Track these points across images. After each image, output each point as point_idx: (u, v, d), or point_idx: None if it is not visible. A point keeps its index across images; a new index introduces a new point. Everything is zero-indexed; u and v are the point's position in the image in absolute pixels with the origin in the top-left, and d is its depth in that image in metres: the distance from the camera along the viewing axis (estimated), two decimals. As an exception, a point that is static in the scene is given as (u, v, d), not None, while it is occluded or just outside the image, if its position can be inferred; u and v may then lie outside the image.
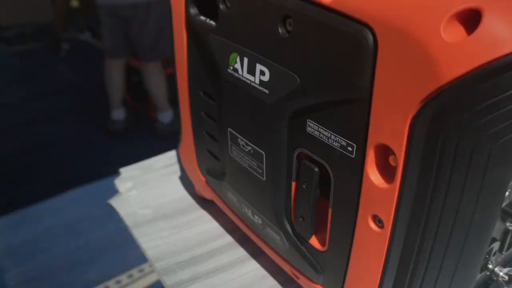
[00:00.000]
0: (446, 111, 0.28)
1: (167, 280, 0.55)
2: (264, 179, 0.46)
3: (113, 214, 0.68)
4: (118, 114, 2.63)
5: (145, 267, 1.80)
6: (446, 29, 0.27)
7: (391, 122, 0.31)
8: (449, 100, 0.28)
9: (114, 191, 0.71)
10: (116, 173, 0.75)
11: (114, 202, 0.69)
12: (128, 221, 0.65)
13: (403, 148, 0.31)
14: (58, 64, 3.73)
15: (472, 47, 0.26)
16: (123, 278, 1.75)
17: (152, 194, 0.70)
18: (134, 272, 1.78)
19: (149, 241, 0.61)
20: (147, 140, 2.63)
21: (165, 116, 2.61)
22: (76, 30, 4.10)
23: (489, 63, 0.26)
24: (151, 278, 1.75)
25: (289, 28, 0.37)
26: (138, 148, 2.52)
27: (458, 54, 0.27)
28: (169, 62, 2.49)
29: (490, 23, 0.26)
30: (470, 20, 0.27)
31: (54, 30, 3.83)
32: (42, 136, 2.71)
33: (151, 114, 2.78)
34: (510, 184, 0.34)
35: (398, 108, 0.30)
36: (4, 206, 2.08)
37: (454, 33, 0.27)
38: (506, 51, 0.26)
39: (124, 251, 1.85)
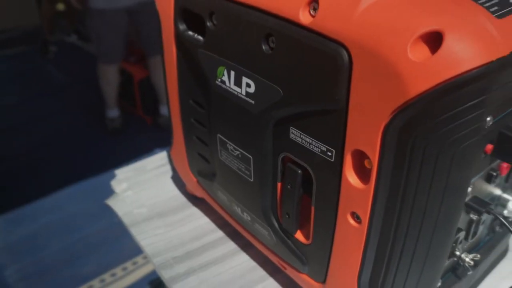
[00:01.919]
0: (413, 122, 0.32)
1: (165, 274, 0.59)
2: (252, 180, 0.49)
3: (107, 210, 0.71)
4: (114, 112, 2.66)
5: (139, 259, 1.84)
6: (412, 49, 0.31)
7: (365, 131, 0.35)
8: (416, 112, 0.32)
9: (108, 187, 0.75)
10: (109, 169, 0.78)
11: (112, 202, 0.72)
12: (126, 220, 0.68)
13: (377, 153, 0.35)
14: (47, 66, 3.73)
15: (435, 65, 0.30)
16: (118, 270, 1.79)
17: (147, 194, 0.73)
18: (128, 265, 1.82)
19: (146, 238, 0.65)
20: (138, 137, 2.66)
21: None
22: (63, 33, 4.09)
23: (450, 79, 0.30)
24: (144, 270, 1.80)
25: (272, 45, 0.40)
26: (130, 145, 2.56)
27: (423, 71, 0.31)
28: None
29: (450, 44, 0.30)
30: (433, 41, 0.31)
31: (41, 34, 3.82)
32: (35, 136, 2.72)
33: (139, 112, 2.80)
34: (472, 180, 0.39)
35: (371, 119, 0.34)
36: (2, 204, 2.10)
37: (419, 53, 0.31)
38: (464, 69, 0.30)
39: (119, 245, 1.89)
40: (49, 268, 1.80)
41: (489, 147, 0.36)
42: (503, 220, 0.38)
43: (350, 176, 0.38)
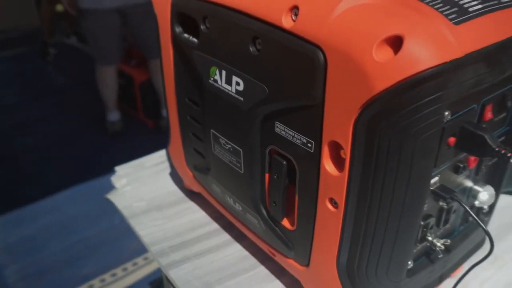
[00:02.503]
0: (379, 115, 0.36)
1: (161, 261, 0.63)
2: (242, 172, 0.54)
3: (107, 211, 0.75)
4: (115, 115, 2.70)
5: (139, 260, 1.87)
6: (377, 51, 0.35)
7: (339, 124, 0.39)
8: (381, 107, 0.36)
9: (108, 189, 0.79)
10: (109, 171, 0.82)
11: (112, 196, 0.76)
12: (125, 212, 0.72)
13: (349, 144, 0.39)
14: (46, 68, 3.78)
15: (396, 65, 0.34)
16: (118, 271, 1.83)
17: (146, 188, 0.78)
18: (129, 265, 1.85)
19: (144, 229, 0.69)
20: (139, 140, 2.70)
21: None
22: (62, 35, 4.15)
23: (409, 77, 0.34)
24: (144, 271, 1.83)
25: (259, 47, 0.45)
26: (131, 148, 2.60)
27: (386, 70, 0.35)
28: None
29: (409, 47, 0.34)
30: (395, 44, 0.35)
31: (41, 35, 3.87)
32: (35, 137, 2.77)
33: (140, 115, 2.84)
34: (439, 170, 0.43)
35: (344, 113, 0.38)
36: (2, 205, 2.14)
37: (383, 54, 0.35)
38: (421, 68, 0.34)
39: (119, 246, 1.93)
40: (49, 268, 1.83)
41: (452, 140, 0.40)
42: (465, 207, 0.42)
43: (328, 165, 0.42)
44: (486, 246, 0.65)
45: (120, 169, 0.82)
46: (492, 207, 0.54)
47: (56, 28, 3.98)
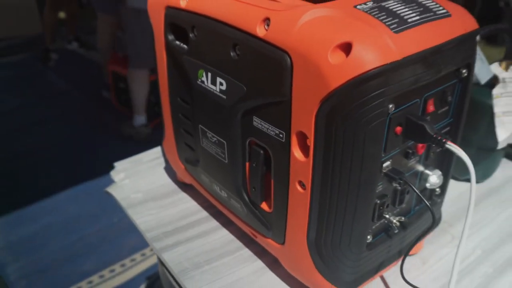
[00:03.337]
0: (334, 108, 0.44)
1: (156, 246, 0.70)
2: (227, 162, 0.61)
3: (106, 210, 0.83)
4: (142, 119, 2.77)
5: (137, 256, 1.94)
6: (331, 55, 0.43)
7: (304, 116, 0.47)
8: (336, 101, 0.43)
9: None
10: (108, 172, 0.89)
11: (111, 189, 0.83)
12: (123, 203, 0.80)
13: (312, 133, 0.47)
14: (48, 73, 3.86)
15: (347, 67, 0.42)
16: (117, 267, 1.90)
17: (142, 181, 0.85)
18: (127, 261, 1.92)
19: (141, 217, 0.76)
20: (136, 142, 2.77)
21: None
22: (64, 40, 4.23)
23: (357, 76, 0.42)
24: (142, 266, 1.90)
25: (238, 52, 0.52)
26: (129, 149, 2.65)
27: (339, 71, 0.42)
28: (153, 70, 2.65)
29: (357, 51, 0.42)
30: (345, 49, 0.42)
31: (43, 41, 3.96)
32: (36, 139, 2.84)
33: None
34: (390, 155, 0.50)
35: (307, 107, 0.46)
36: (4, 205, 2.21)
37: (336, 57, 0.43)
38: (367, 68, 0.41)
39: (117, 243, 2.00)
40: (49, 265, 1.89)
41: (399, 129, 0.48)
42: (412, 187, 0.50)
43: (296, 152, 0.50)
44: (453, 229, 0.73)
45: (119, 165, 0.90)
46: (443, 189, 0.62)
47: (57, 34, 4.06)
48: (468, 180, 0.83)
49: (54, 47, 4.01)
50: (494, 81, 0.76)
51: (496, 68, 0.76)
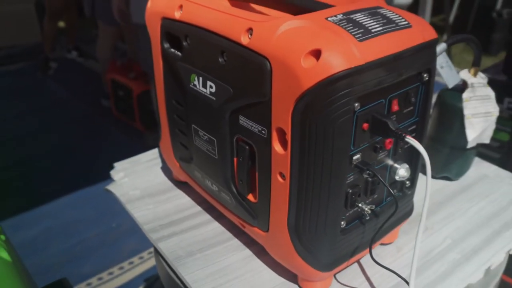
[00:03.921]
0: (307, 106, 0.50)
1: (152, 236, 0.76)
2: (217, 157, 0.68)
3: (104, 216, 0.88)
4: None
5: (135, 259, 2.00)
6: (304, 60, 0.49)
7: (282, 114, 0.53)
8: (308, 100, 0.50)
9: (105, 196, 0.91)
10: (107, 178, 0.94)
11: (111, 187, 0.90)
12: (123, 199, 0.86)
13: (290, 129, 0.53)
14: (47, 81, 3.94)
15: (317, 70, 0.49)
16: (115, 269, 1.95)
17: (140, 180, 0.91)
18: (125, 264, 1.97)
19: (139, 212, 0.82)
20: (135, 147, 2.83)
21: None
22: (63, 49, 4.31)
23: (326, 78, 0.48)
24: (140, 269, 1.95)
25: (225, 58, 0.59)
26: (128, 156, 2.72)
27: (310, 73, 0.49)
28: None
29: (326, 57, 0.48)
30: (316, 55, 0.49)
31: (42, 50, 4.04)
32: (37, 147, 2.90)
33: (138, 125, 2.99)
34: (360, 148, 0.57)
35: (284, 106, 0.53)
36: (5, 211, 2.26)
37: (308, 62, 0.49)
38: (334, 71, 0.48)
39: (116, 247, 2.05)
40: (49, 268, 1.93)
41: (365, 125, 0.54)
42: (379, 177, 0.56)
43: (276, 146, 0.56)
44: (427, 221, 0.80)
45: (118, 165, 0.97)
46: (413, 182, 0.68)
47: (57, 43, 4.14)
48: (444, 178, 0.91)
49: (54, 56, 4.09)
50: (464, 86, 0.83)
51: (466, 74, 0.83)
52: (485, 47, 4.56)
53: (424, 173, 0.56)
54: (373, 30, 0.52)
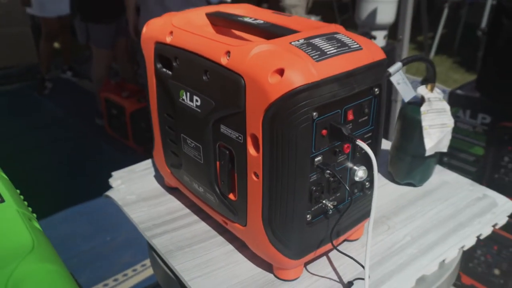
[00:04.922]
0: (274, 115, 0.61)
1: (147, 234, 0.86)
2: (202, 162, 0.78)
3: (99, 230, 0.97)
4: None
5: (128, 272, 2.08)
6: (271, 77, 0.60)
7: (255, 122, 0.64)
8: (275, 110, 0.61)
9: (101, 211, 1.02)
10: (101, 195, 1.04)
11: (110, 192, 1.00)
12: (120, 203, 0.96)
13: (261, 135, 0.64)
14: (43, 101, 4.05)
15: (281, 85, 0.60)
16: (110, 281, 2.03)
17: (136, 186, 1.02)
18: (119, 276, 2.06)
19: (135, 213, 0.92)
20: (128, 164, 2.92)
21: None
22: (58, 69, 4.43)
23: (288, 91, 0.59)
24: (134, 281, 2.03)
25: (208, 76, 0.70)
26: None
27: (276, 88, 0.60)
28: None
29: (288, 74, 0.59)
30: (280, 73, 0.60)
31: (39, 71, 4.16)
32: (32, 164, 3.00)
33: (131, 143, 3.08)
34: (320, 151, 0.67)
35: (256, 115, 0.63)
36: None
37: (274, 79, 0.60)
38: (295, 86, 0.59)
39: (111, 260, 2.14)
40: (46, 280, 2.03)
41: (324, 131, 0.65)
42: (337, 176, 0.67)
43: (251, 150, 0.67)
44: (390, 221, 0.90)
45: (116, 174, 1.07)
46: (371, 183, 0.78)
47: (52, 63, 4.26)
48: (409, 184, 1.01)
49: (49, 76, 4.22)
50: (422, 100, 0.94)
51: (423, 90, 0.94)
52: (471, 64, 4.72)
53: (391, 179, 0.66)
54: (328, 52, 0.63)
